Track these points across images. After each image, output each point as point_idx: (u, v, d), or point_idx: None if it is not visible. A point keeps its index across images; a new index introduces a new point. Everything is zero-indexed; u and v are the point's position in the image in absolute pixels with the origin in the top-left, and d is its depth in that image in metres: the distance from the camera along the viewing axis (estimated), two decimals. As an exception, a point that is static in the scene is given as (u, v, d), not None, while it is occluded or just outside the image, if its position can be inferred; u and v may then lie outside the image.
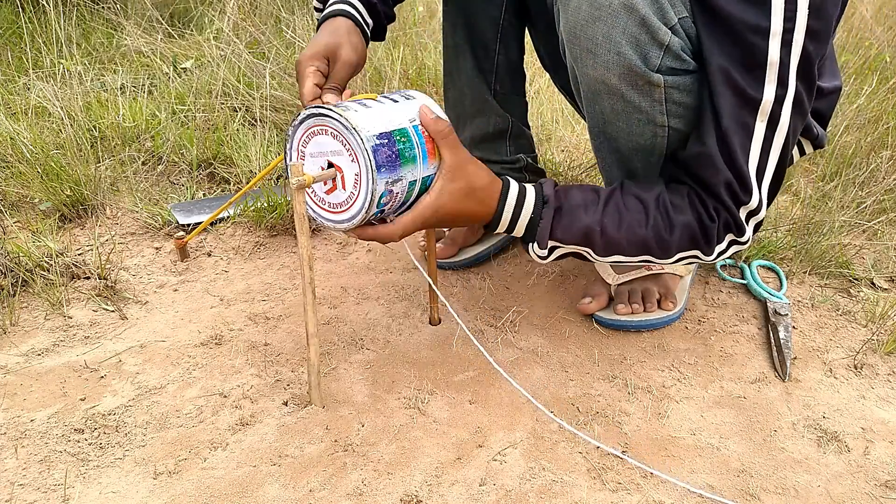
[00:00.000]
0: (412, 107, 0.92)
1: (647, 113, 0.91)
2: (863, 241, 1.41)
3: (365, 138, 0.83)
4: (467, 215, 0.92)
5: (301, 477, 0.85)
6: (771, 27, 0.81)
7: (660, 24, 0.84)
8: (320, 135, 0.87)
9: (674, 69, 0.88)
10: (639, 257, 0.96)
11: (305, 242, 0.86)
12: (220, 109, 1.80)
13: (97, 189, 1.46)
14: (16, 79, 1.96)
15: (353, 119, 0.83)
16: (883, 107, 1.85)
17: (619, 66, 0.86)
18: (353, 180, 0.86)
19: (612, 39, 0.85)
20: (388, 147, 0.85)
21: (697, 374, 1.05)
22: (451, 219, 0.92)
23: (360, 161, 0.84)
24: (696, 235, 0.92)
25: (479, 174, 0.91)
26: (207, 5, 2.42)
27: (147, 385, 0.99)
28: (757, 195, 0.90)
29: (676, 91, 0.90)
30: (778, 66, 0.83)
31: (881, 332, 1.14)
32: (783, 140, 0.88)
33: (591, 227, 0.93)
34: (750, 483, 0.86)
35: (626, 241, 0.93)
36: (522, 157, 1.34)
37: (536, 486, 0.85)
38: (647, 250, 0.94)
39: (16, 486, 0.82)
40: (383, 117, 0.87)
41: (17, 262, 1.20)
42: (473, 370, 1.04)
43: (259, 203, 1.40)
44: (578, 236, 0.93)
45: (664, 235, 0.92)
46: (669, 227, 0.92)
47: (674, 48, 0.86)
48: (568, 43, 0.91)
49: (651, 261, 0.96)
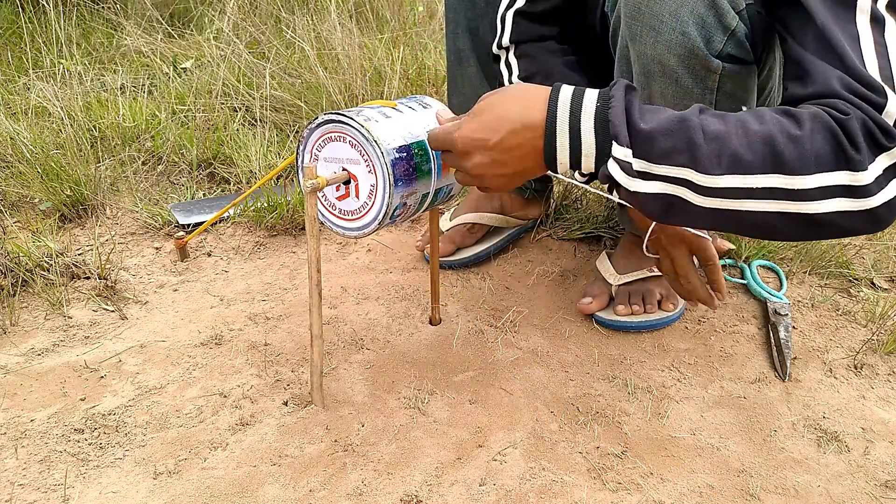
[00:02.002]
0: (429, 116, 0.91)
1: (696, 100, 0.88)
2: (863, 241, 1.41)
3: (385, 151, 0.82)
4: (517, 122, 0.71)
5: (301, 477, 0.85)
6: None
7: (728, 7, 0.82)
8: (338, 141, 0.86)
9: (733, 57, 0.85)
10: (767, 177, 0.66)
11: (315, 245, 0.86)
12: (220, 109, 1.80)
13: (97, 189, 1.46)
14: (16, 79, 1.96)
15: (374, 131, 0.83)
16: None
17: (682, 46, 0.84)
18: (367, 190, 0.86)
19: (680, 17, 0.82)
20: (406, 161, 0.85)
21: (697, 374, 1.05)
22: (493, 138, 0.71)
23: (378, 174, 0.84)
24: (835, 132, 0.65)
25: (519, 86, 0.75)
26: (207, 5, 2.42)
27: (147, 385, 0.99)
28: (894, 98, 0.66)
29: (729, 81, 0.87)
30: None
31: (881, 332, 1.14)
32: (895, 38, 0.70)
33: (686, 117, 0.67)
34: (750, 483, 0.86)
35: (740, 139, 0.66)
36: None
37: (536, 486, 0.85)
38: (776, 156, 0.65)
39: (16, 486, 0.82)
40: (403, 129, 0.87)
41: (17, 262, 1.20)
42: (473, 370, 1.04)
43: (259, 203, 1.41)
44: (672, 131, 0.66)
45: (791, 129, 0.66)
46: (796, 120, 0.67)
47: (738, 34, 0.83)
48: (629, 19, 0.87)
49: (786, 187, 0.66)
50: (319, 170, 0.89)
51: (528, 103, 0.71)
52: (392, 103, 0.91)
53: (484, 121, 0.71)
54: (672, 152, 0.66)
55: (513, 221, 1.37)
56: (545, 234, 1.41)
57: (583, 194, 1.52)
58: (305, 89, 1.86)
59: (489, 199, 1.35)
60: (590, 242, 1.40)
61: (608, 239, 1.39)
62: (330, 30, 1.99)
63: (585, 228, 1.40)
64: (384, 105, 0.90)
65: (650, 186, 0.69)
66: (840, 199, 0.66)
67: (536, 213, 1.39)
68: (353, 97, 1.82)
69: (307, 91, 1.85)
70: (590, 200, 1.52)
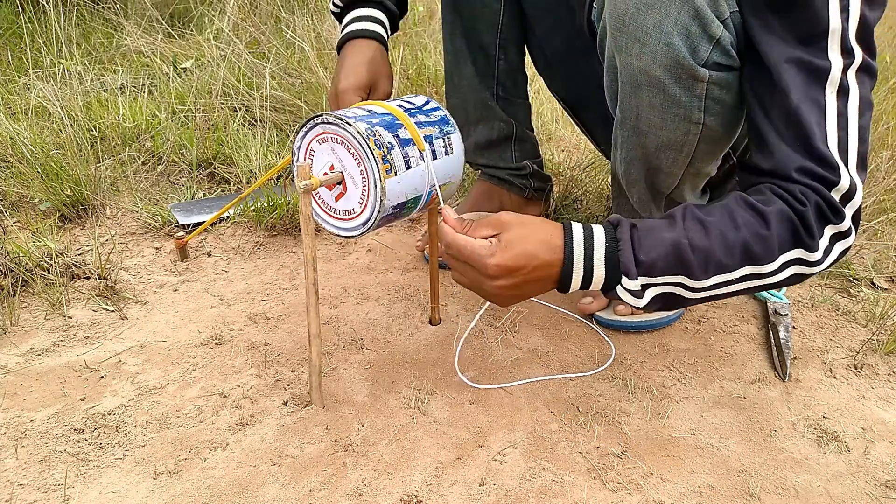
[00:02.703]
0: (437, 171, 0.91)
1: (685, 108, 0.89)
2: (863, 241, 1.41)
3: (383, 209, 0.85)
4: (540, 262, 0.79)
5: (301, 477, 0.85)
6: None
7: (713, 17, 0.82)
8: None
9: (719, 64, 0.85)
10: (742, 269, 0.80)
11: (310, 244, 0.86)
12: (220, 109, 1.80)
13: (97, 189, 1.46)
14: (16, 79, 1.96)
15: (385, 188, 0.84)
16: (883, 107, 1.86)
17: (667, 57, 0.84)
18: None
19: (663, 29, 0.83)
20: (396, 212, 0.88)
21: (697, 374, 1.05)
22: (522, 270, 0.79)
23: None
24: (794, 224, 0.78)
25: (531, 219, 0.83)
26: (207, 5, 2.42)
27: (147, 385, 0.99)
28: (846, 174, 0.78)
29: (717, 87, 0.87)
30: (840, 33, 0.77)
31: (881, 332, 1.14)
32: (857, 112, 0.80)
33: (677, 242, 0.78)
34: (750, 483, 0.86)
35: (721, 249, 0.78)
36: (528, 164, 1.33)
37: (536, 486, 0.85)
38: (749, 255, 0.79)
39: (16, 486, 0.82)
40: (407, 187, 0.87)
41: (17, 262, 1.20)
42: (473, 370, 1.04)
43: (259, 203, 1.41)
44: (667, 259, 0.78)
45: (760, 231, 0.78)
46: (763, 219, 0.78)
47: (723, 42, 0.84)
48: (614, 31, 0.88)
49: (756, 273, 0.81)
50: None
51: (549, 243, 0.80)
52: (385, 104, 0.91)
53: (516, 255, 0.78)
54: (669, 271, 0.79)
55: (513, 221, 1.37)
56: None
57: (583, 194, 1.52)
58: (305, 89, 1.86)
59: (489, 198, 1.35)
60: (590, 242, 1.40)
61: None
62: (330, 30, 1.99)
63: (585, 228, 1.40)
64: (404, 121, 0.89)
65: (651, 293, 0.81)
66: (795, 267, 0.81)
67: (536, 212, 1.39)
68: (353, 97, 1.81)
69: (307, 91, 1.85)
70: (590, 200, 1.52)
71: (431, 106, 0.94)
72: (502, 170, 1.33)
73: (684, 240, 0.78)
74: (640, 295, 0.81)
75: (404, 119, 0.88)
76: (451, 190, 0.97)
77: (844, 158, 0.79)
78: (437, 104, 0.94)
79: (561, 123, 1.94)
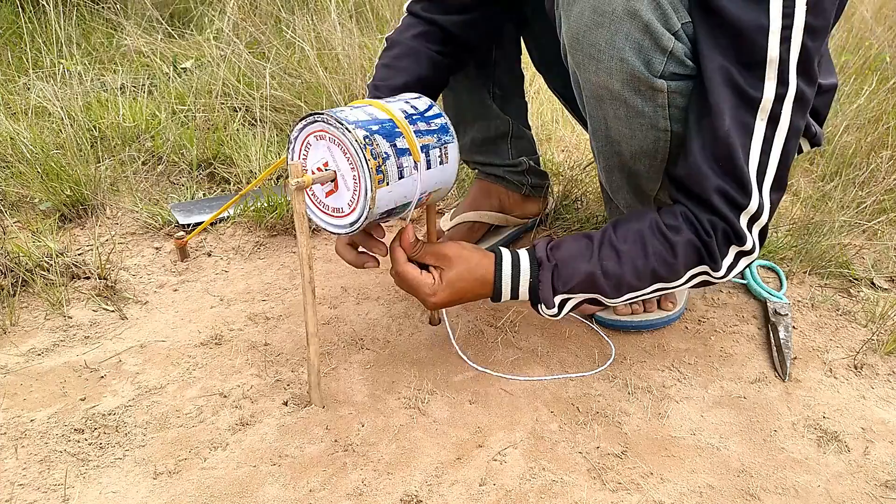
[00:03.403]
0: (428, 180, 0.92)
1: (650, 118, 0.90)
2: (863, 241, 1.41)
3: (371, 215, 0.85)
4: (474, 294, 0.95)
5: (301, 477, 0.85)
6: (770, 24, 0.80)
7: (663, 30, 0.83)
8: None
9: (677, 74, 0.87)
10: (651, 287, 0.93)
11: (305, 241, 0.86)
12: (220, 109, 1.80)
13: (97, 189, 1.46)
14: (16, 79, 1.96)
15: (375, 196, 0.84)
16: (883, 107, 1.85)
17: (623, 72, 0.86)
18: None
19: (615, 45, 0.84)
20: (383, 217, 0.89)
21: (697, 374, 1.05)
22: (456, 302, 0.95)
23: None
24: (700, 252, 0.90)
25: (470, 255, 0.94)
26: (207, 5, 2.42)
27: (147, 385, 0.99)
28: (757, 197, 0.87)
29: (679, 96, 0.88)
30: (777, 63, 0.82)
31: (881, 332, 1.14)
32: (784, 139, 0.86)
33: (591, 273, 0.91)
34: (750, 483, 0.86)
35: (632, 275, 0.91)
36: (524, 160, 1.34)
37: (536, 486, 0.85)
38: (656, 278, 0.91)
39: (16, 486, 0.82)
40: (398, 195, 0.88)
41: (17, 262, 1.20)
42: (473, 370, 1.04)
43: (259, 203, 1.41)
44: (582, 285, 0.92)
45: (668, 259, 0.90)
46: (671, 250, 0.90)
47: (677, 53, 0.85)
48: (570, 49, 0.90)
49: (665, 287, 0.93)
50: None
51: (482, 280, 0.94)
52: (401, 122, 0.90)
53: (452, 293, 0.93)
54: (584, 292, 0.93)
55: (513, 220, 1.37)
56: (545, 234, 1.41)
57: (583, 194, 1.52)
58: (305, 89, 1.86)
59: (488, 197, 1.35)
60: (590, 242, 1.40)
61: (608, 239, 1.39)
62: (330, 30, 1.99)
63: (585, 228, 1.40)
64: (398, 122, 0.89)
65: (568, 306, 0.95)
66: (701, 277, 0.93)
67: (535, 209, 1.39)
68: (353, 97, 1.82)
69: (307, 91, 1.85)
70: (590, 200, 1.52)
71: (434, 112, 0.94)
72: (499, 167, 1.33)
73: (598, 271, 0.91)
74: (557, 313, 0.95)
75: (404, 127, 0.88)
76: (440, 195, 0.97)
77: (760, 181, 0.87)
78: (439, 110, 0.94)
79: (561, 123, 1.94)
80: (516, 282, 0.94)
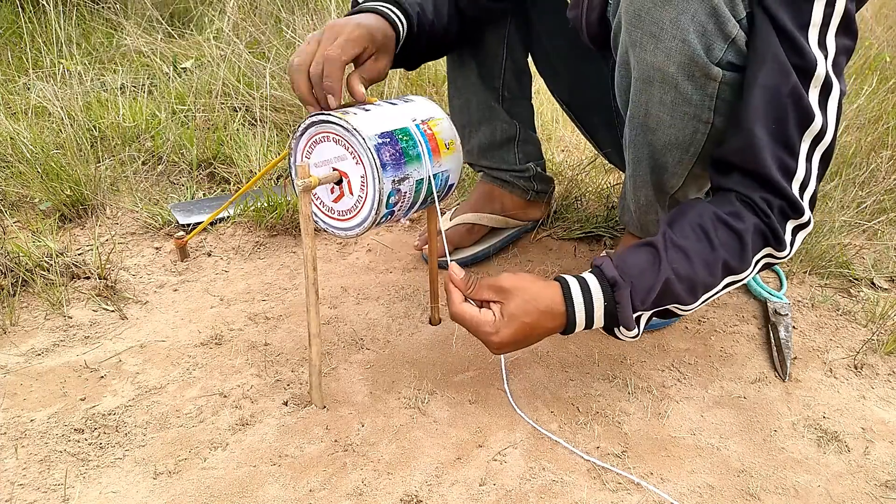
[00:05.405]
0: (412, 107, 0.92)
1: (695, 106, 0.89)
2: (863, 241, 1.41)
3: (367, 137, 0.83)
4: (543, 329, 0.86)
5: (301, 477, 0.85)
6: None
7: (729, 16, 0.82)
8: (323, 142, 0.87)
9: (732, 64, 0.85)
10: (724, 281, 0.88)
11: (310, 243, 0.86)
12: (220, 109, 1.80)
13: (97, 189, 1.46)
14: (16, 79, 1.96)
15: (353, 122, 0.83)
16: (883, 107, 1.86)
17: (682, 54, 0.84)
18: (359, 183, 0.86)
19: (680, 25, 0.82)
20: (390, 145, 0.85)
21: (697, 374, 1.05)
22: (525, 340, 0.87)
23: (365, 162, 0.84)
24: (766, 235, 0.87)
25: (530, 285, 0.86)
26: (207, 5, 2.42)
27: (147, 385, 0.99)
28: (804, 165, 0.84)
29: (729, 88, 0.87)
30: (819, 30, 0.81)
31: (881, 332, 1.14)
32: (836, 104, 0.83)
33: (667, 281, 0.84)
34: (750, 483, 0.86)
35: (705, 271, 0.86)
36: (532, 167, 1.32)
37: (536, 486, 0.85)
38: (728, 270, 0.87)
39: (16, 486, 0.82)
40: (384, 118, 0.87)
41: (17, 262, 1.20)
42: (473, 370, 1.04)
43: (259, 203, 1.41)
44: (660, 296, 0.85)
45: (736, 247, 0.86)
46: (738, 238, 0.86)
47: (738, 42, 0.84)
48: (629, 26, 0.87)
49: (735, 281, 0.89)
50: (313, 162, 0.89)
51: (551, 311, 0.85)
52: (371, 99, 0.92)
53: (518, 328, 0.85)
54: (661, 304, 0.87)
55: (513, 223, 1.37)
56: (545, 234, 1.41)
57: (583, 194, 1.52)
58: (305, 89, 1.85)
59: (490, 200, 1.35)
60: (590, 242, 1.40)
61: (608, 238, 1.39)
62: (330, 30, 1.99)
63: (585, 228, 1.40)
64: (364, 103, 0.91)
65: (644, 319, 0.88)
66: (766, 260, 0.90)
67: (538, 214, 1.39)
68: (353, 97, 1.81)
69: (307, 91, 1.85)
70: (590, 201, 1.52)
71: (436, 116, 0.95)
72: (505, 171, 1.32)
73: (671, 275, 0.85)
74: (638, 333, 0.89)
75: (368, 99, 0.91)
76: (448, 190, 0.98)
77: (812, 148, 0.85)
78: (442, 113, 0.95)
79: (561, 123, 1.94)
80: (590, 307, 0.86)
